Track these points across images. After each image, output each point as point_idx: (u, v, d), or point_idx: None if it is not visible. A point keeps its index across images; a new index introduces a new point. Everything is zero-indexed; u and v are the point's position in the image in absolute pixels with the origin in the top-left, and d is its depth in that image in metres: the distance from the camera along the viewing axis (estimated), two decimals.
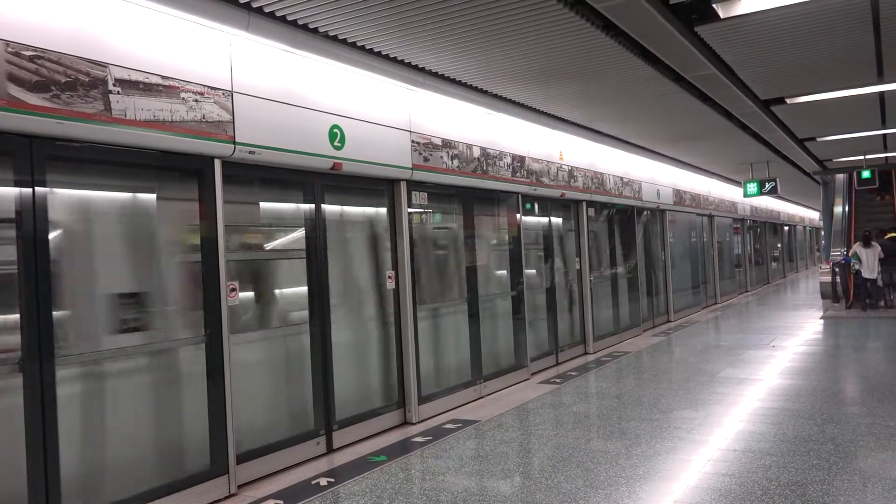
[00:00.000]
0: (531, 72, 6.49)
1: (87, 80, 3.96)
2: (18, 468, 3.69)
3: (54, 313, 3.84)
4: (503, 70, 6.39)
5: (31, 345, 3.72)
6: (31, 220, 3.75)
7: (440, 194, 7.35)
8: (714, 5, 5.20)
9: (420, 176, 6.76)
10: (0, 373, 3.69)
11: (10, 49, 3.60)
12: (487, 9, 4.74)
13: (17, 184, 3.73)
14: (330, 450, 5.74)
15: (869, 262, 13.84)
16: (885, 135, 12.16)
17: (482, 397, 7.56)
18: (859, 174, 15.29)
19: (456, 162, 7.32)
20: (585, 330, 10.43)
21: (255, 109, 5.03)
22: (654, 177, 13.61)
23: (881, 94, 8.57)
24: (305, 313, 5.67)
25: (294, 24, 4.97)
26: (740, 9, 5.25)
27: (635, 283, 12.53)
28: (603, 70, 6.53)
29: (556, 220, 10.01)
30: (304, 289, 5.68)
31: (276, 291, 5.85)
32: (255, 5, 4.61)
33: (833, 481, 4.43)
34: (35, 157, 3.78)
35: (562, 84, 7.09)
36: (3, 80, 3.57)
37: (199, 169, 4.72)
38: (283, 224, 5.89)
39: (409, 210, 6.70)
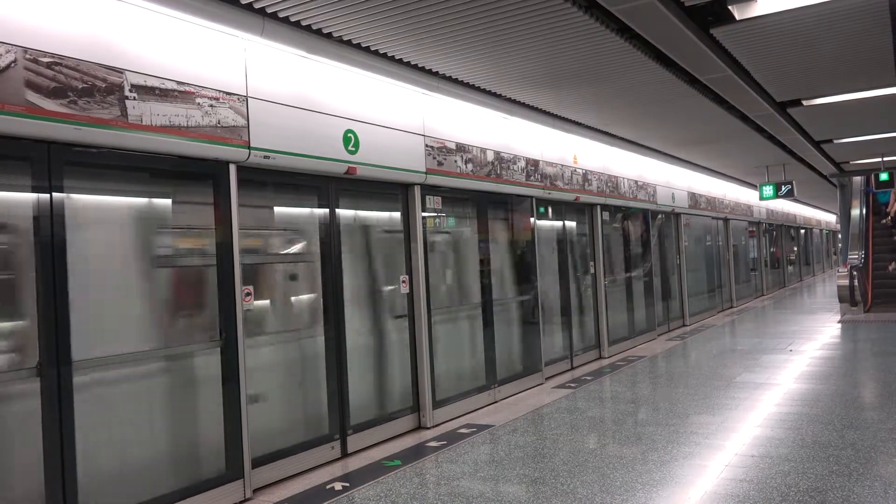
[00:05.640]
0: (545, 75, 6.48)
1: (103, 86, 3.99)
2: (36, 471, 3.71)
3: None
4: (517, 74, 6.38)
5: (48, 349, 3.74)
6: (49, 225, 3.78)
7: (454, 198, 7.34)
8: (730, 7, 5.16)
9: (434, 180, 6.76)
10: (20, 377, 3.72)
11: (28, 56, 3.63)
12: (501, 12, 4.73)
13: (34, 189, 3.76)
14: (344, 454, 5.74)
15: None
16: None
17: (497, 402, 7.54)
18: (877, 176, 15.13)
19: (470, 166, 7.31)
20: (600, 334, 10.38)
21: (269, 114, 5.05)
22: (669, 180, 13.55)
23: None
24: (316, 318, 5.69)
25: (308, 28, 4.99)
26: (756, 10, 5.21)
27: (650, 287, 12.45)
28: (617, 73, 6.51)
29: (571, 224, 9.97)
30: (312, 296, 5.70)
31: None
32: (269, 11, 4.63)
33: (853, 488, 4.37)
34: (52, 163, 3.81)
35: (576, 87, 7.06)
36: (21, 87, 3.60)
37: (215, 174, 4.74)
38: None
39: (423, 214, 6.69)
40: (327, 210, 5.77)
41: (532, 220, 8.61)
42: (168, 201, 4.69)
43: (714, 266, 16.87)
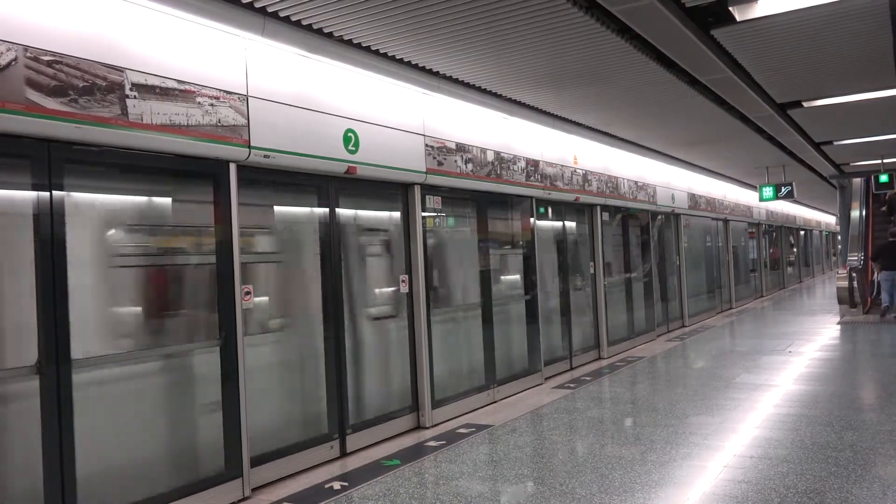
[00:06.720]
0: (546, 76, 6.48)
1: (104, 84, 3.99)
2: (35, 469, 3.71)
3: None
4: (518, 74, 6.38)
5: (48, 347, 3.74)
6: (49, 223, 3.78)
7: (454, 198, 7.34)
8: (730, 8, 5.17)
9: (434, 180, 6.76)
10: (20, 374, 3.72)
11: (28, 54, 3.63)
12: (502, 12, 4.73)
13: (34, 187, 3.76)
14: (343, 453, 5.74)
15: None
16: None
17: (496, 402, 7.54)
18: (877, 178, 15.15)
19: (470, 166, 7.31)
20: (599, 334, 10.38)
21: (270, 114, 5.05)
22: (669, 181, 13.55)
23: None
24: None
25: (308, 28, 4.99)
26: (757, 11, 5.22)
27: (650, 288, 12.46)
28: (618, 74, 6.51)
29: (571, 225, 9.97)
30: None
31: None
32: (270, 10, 4.63)
33: (852, 489, 4.38)
34: (52, 161, 3.81)
35: (576, 88, 7.07)
36: (21, 85, 3.60)
37: (215, 173, 4.74)
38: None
39: (423, 214, 6.69)
40: (327, 209, 5.77)
41: (532, 220, 8.61)
42: (168, 200, 4.70)
43: (713, 267, 16.87)
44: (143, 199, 4.58)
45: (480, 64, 5.98)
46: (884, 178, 14.96)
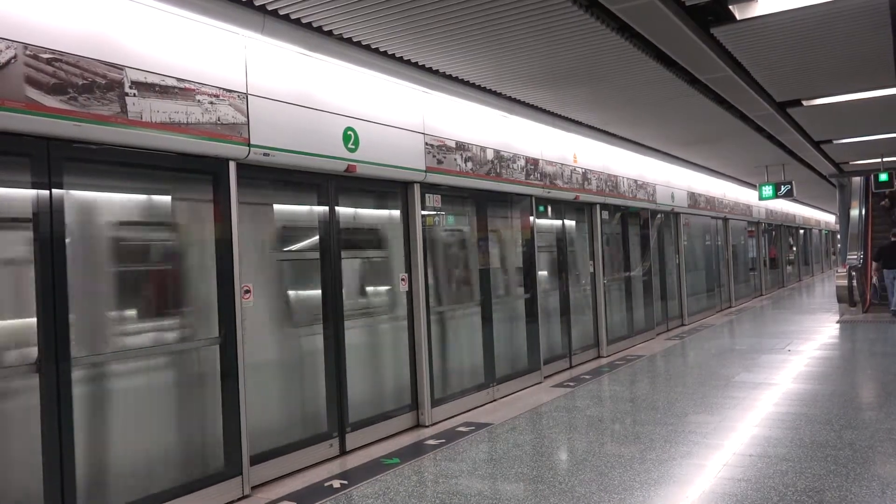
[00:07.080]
0: (545, 74, 6.48)
1: (103, 82, 3.99)
2: (35, 467, 3.71)
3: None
4: (517, 72, 6.37)
5: (47, 346, 3.74)
6: (48, 221, 3.78)
7: (454, 197, 7.33)
8: (730, 7, 5.17)
9: (434, 178, 6.76)
10: (19, 372, 3.72)
11: (28, 52, 3.63)
12: (500, 10, 4.72)
13: (34, 186, 3.76)
14: (343, 452, 5.74)
15: None
16: None
17: (495, 400, 7.54)
18: (876, 177, 15.15)
19: (470, 164, 7.31)
20: (599, 333, 10.38)
21: (269, 112, 5.05)
22: (669, 179, 13.55)
23: None
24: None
25: (308, 26, 4.99)
26: (757, 10, 5.22)
27: (649, 287, 12.46)
28: (617, 72, 6.51)
29: (570, 223, 9.97)
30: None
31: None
32: (270, 8, 4.62)
33: (851, 487, 4.38)
34: (52, 159, 3.81)
35: (576, 86, 7.06)
36: (21, 83, 3.59)
37: (214, 171, 4.74)
38: None
39: (423, 212, 6.69)
40: (327, 208, 5.77)
41: (531, 218, 8.60)
42: (168, 198, 4.69)
43: (713, 266, 16.88)
44: (142, 197, 4.58)
45: (480, 62, 5.97)
46: (883, 176, 14.97)
